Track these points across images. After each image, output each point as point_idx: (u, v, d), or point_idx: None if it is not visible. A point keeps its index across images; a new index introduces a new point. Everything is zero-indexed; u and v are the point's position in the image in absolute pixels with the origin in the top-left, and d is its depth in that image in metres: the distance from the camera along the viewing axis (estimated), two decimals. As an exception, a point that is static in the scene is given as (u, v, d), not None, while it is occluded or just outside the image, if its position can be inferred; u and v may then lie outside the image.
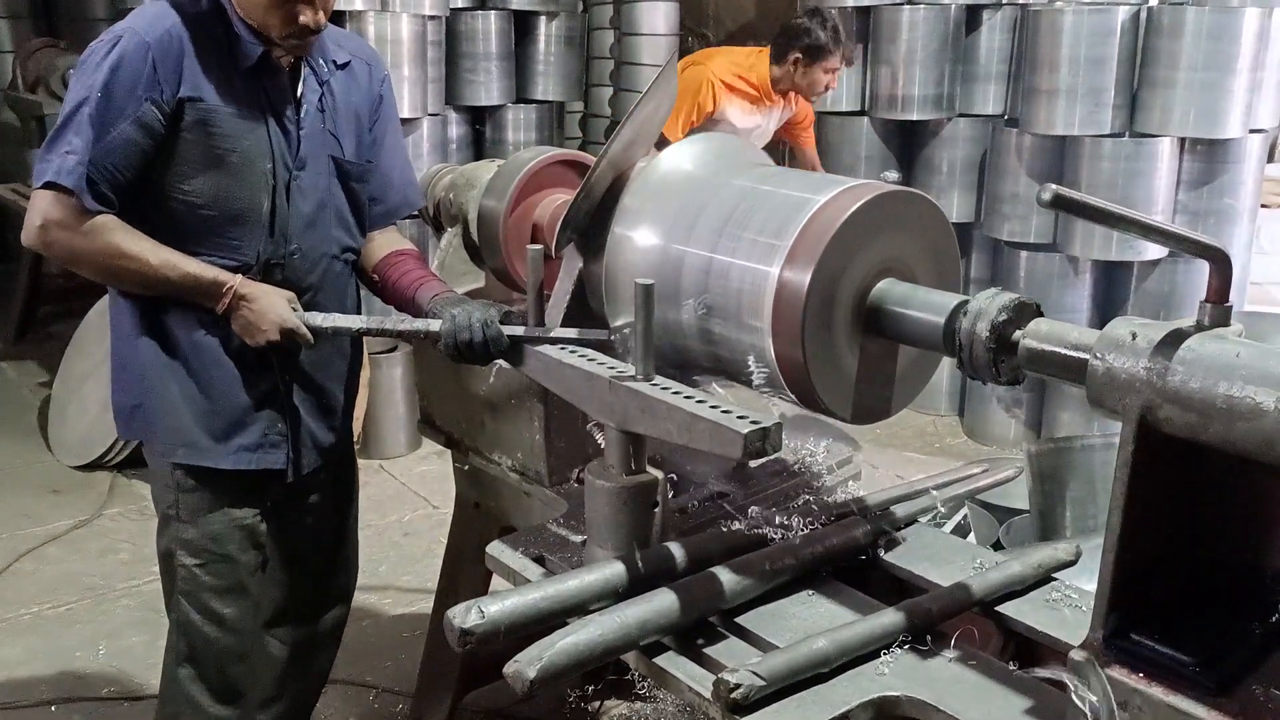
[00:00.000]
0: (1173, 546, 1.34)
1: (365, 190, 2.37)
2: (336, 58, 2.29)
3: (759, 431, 1.55)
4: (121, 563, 4.02)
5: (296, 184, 2.23)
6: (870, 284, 1.71)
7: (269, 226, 2.20)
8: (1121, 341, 1.30)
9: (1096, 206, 1.29)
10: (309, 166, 2.24)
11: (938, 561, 1.87)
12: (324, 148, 2.27)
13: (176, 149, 2.10)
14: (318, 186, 2.27)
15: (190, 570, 2.31)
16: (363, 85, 2.34)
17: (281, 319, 2.14)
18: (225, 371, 2.24)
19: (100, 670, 3.39)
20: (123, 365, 2.30)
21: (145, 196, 2.12)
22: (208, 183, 2.13)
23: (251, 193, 2.17)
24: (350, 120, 2.31)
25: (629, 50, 6.99)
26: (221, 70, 2.12)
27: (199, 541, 2.30)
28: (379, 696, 3.27)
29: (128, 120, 2.04)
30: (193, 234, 2.15)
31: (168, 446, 2.26)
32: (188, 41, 2.08)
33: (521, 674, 1.49)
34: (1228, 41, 4.48)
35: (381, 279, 2.39)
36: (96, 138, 2.03)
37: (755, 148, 2.09)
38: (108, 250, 2.08)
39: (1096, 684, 1.29)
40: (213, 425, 2.26)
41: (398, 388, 5.05)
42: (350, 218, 2.35)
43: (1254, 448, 1.19)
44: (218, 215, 2.15)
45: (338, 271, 2.34)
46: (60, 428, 5.04)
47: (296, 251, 2.25)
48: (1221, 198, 4.79)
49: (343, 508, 2.61)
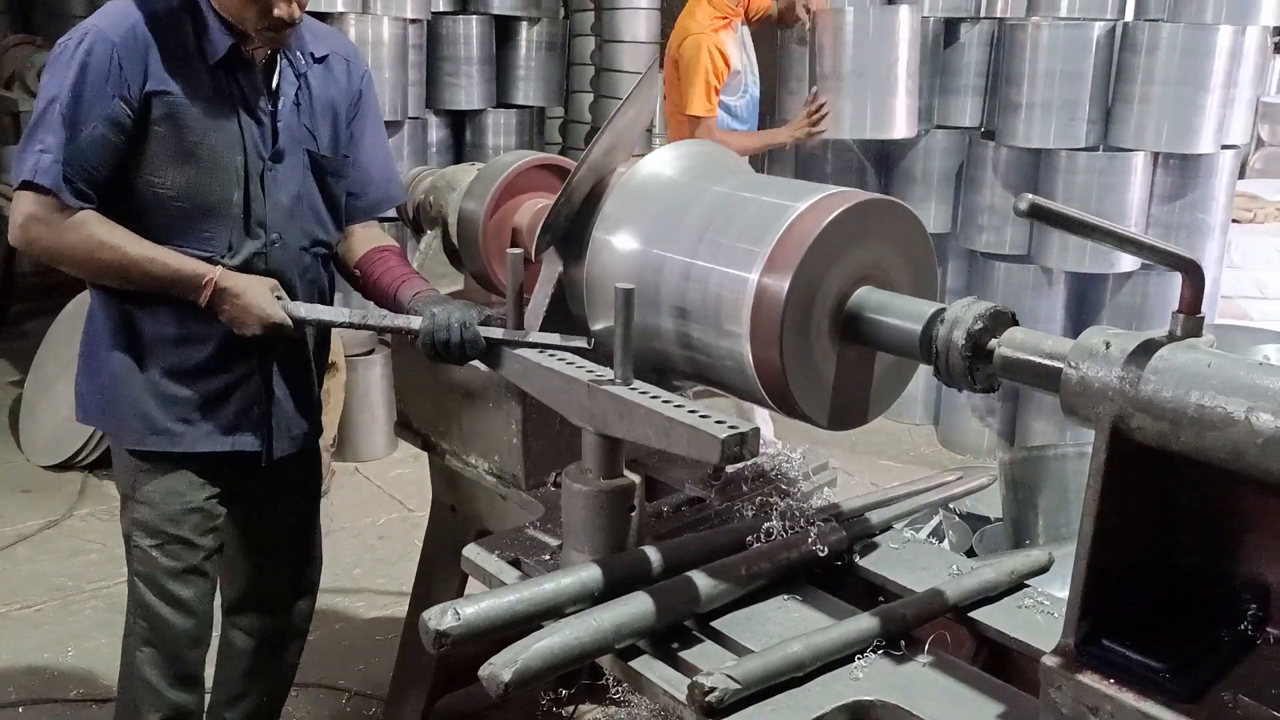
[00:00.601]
0: (1144, 554, 1.36)
1: (342, 185, 2.38)
2: (315, 50, 2.30)
3: (736, 436, 1.55)
4: (91, 563, 3.99)
5: (272, 176, 2.23)
6: (848, 291, 1.72)
7: (243, 219, 2.21)
8: (1095, 351, 1.32)
9: (1073, 217, 1.31)
10: (286, 159, 2.25)
11: (912, 567, 1.89)
12: (300, 141, 2.28)
13: (147, 142, 2.11)
14: (294, 179, 2.27)
15: (146, 551, 2.31)
16: (341, 81, 2.35)
17: (266, 315, 2.14)
18: (200, 354, 2.24)
19: (69, 671, 3.36)
20: (91, 351, 2.31)
21: (117, 189, 2.13)
22: (178, 175, 2.14)
23: (223, 185, 2.18)
24: (327, 114, 2.32)
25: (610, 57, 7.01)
26: (190, 63, 2.13)
27: (154, 523, 2.30)
28: (351, 700, 3.26)
29: (98, 119, 2.06)
30: (164, 226, 2.16)
31: (137, 434, 2.26)
32: (154, 36, 2.09)
33: (497, 677, 1.49)
34: (1201, 58, 4.54)
35: (364, 275, 2.39)
36: (70, 137, 2.05)
37: (735, 155, 2.09)
38: (88, 245, 2.10)
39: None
40: (183, 410, 2.26)
41: (374, 390, 5.03)
42: (324, 212, 2.36)
43: (1224, 456, 1.20)
44: (189, 207, 2.16)
45: (307, 264, 2.35)
46: (31, 427, 5.00)
47: (277, 242, 2.26)
48: (1193, 212, 4.85)
49: (309, 498, 2.61)
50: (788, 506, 1.92)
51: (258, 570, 2.55)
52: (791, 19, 4.81)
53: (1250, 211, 5.82)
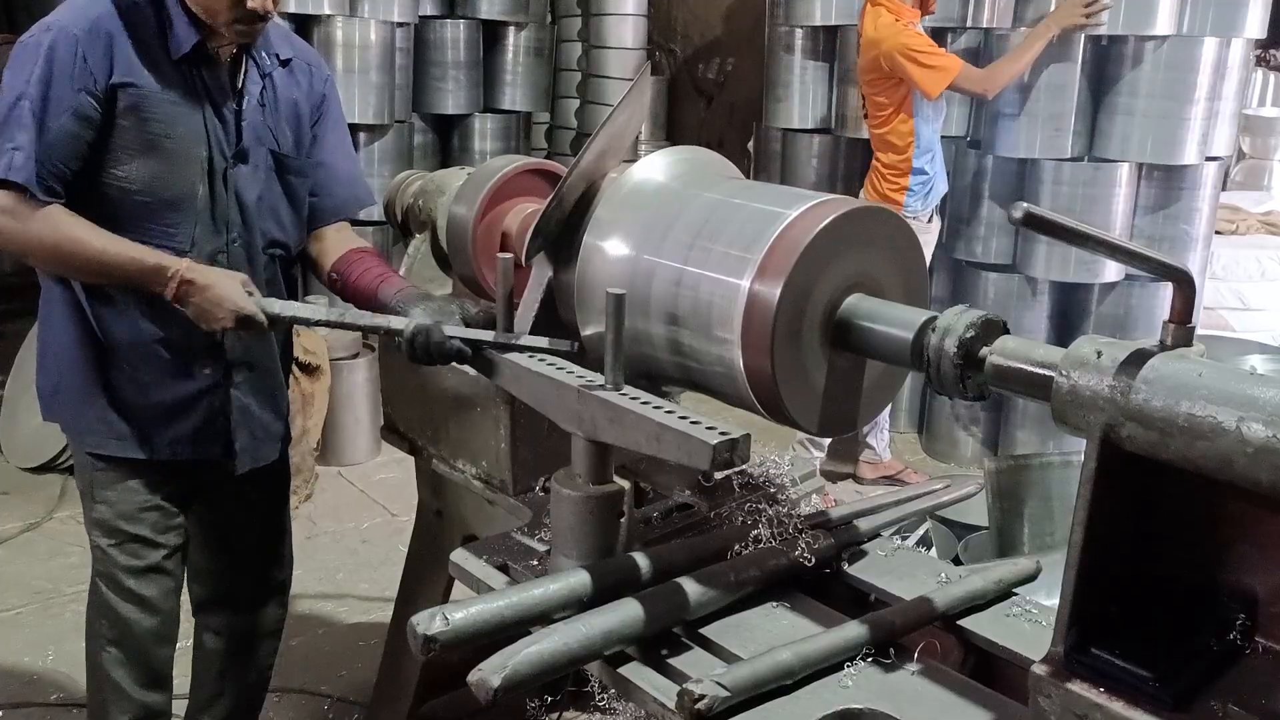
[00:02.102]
0: (1133, 562, 1.36)
1: (305, 186, 2.38)
2: (280, 52, 2.30)
3: (727, 442, 1.55)
4: (71, 566, 3.96)
5: (236, 173, 2.23)
6: (840, 299, 1.72)
7: (209, 214, 2.21)
8: (1086, 360, 1.32)
9: (1066, 225, 1.31)
10: (250, 157, 2.25)
11: (901, 575, 1.89)
12: (264, 140, 2.27)
13: (112, 135, 2.11)
14: (257, 178, 2.27)
15: (105, 550, 2.31)
16: (303, 85, 2.36)
17: (238, 306, 2.10)
18: (163, 362, 2.23)
19: (48, 675, 3.33)
20: (46, 350, 2.31)
21: (81, 181, 2.12)
22: (142, 168, 2.13)
23: (187, 179, 2.18)
24: (290, 115, 2.32)
25: (597, 63, 7.02)
26: (155, 56, 2.12)
27: (111, 521, 2.29)
28: (333, 706, 3.24)
29: (66, 114, 2.05)
30: (127, 219, 2.15)
31: (97, 437, 2.25)
32: (119, 29, 2.09)
33: (486, 682, 1.48)
34: (1185, 70, 4.58)
35: (341, 277, 2.37)
36: (39, 133, 2.04)
37: (726, 161, 2.09)
38: (55, 237, 2.09)
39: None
40: (143, 417, 2.25)
41: (358, 393, 5.01)
42: (284, 213, 2.35)
43: (1213, 466, 1.21)
44: (152, 201, 2.16)
45: (263, 264, 2.33)
46: (11, 429, 4.96)
47: (237, 240, 2.25)
48: (1177, 223, 4.88)
49: (279, 498, 2.60)
50: (776, 513, 1.92)
51: (224, 569, 2.55)
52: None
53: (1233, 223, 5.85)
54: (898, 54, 4.34)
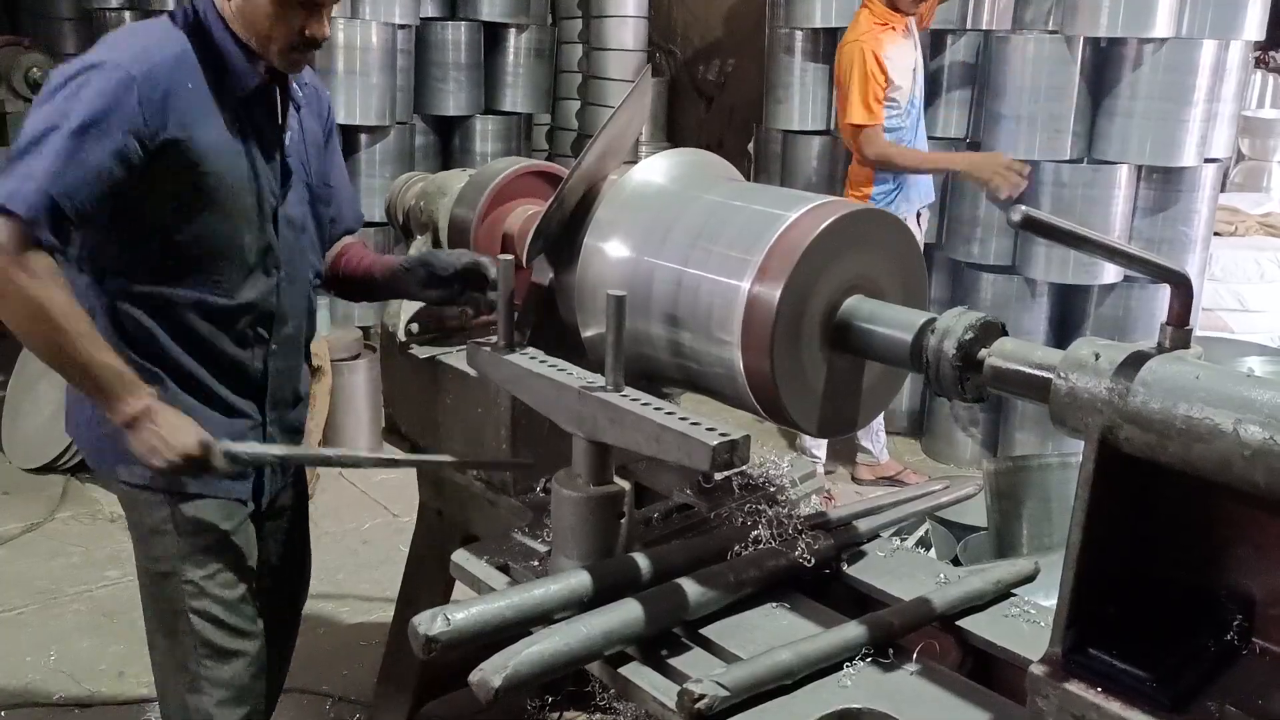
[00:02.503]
0: (1131, 563, 1.37)
1: (327, 214, 2.31)
2: (305, 78, 2.23)
3: (727, 443, 1.56)
4: (73, 567, 3.96)
5: (283, 212, 2.13)
6: (839, 300, 1.73)
7: (261, 261, 2.10)
8: (1084, 362, 1.33)
9: (1064, 228, 1.32)
10: (292, 194, 2.16)
11: (900, 575, 1.90)
12: (299, 174, 2.18)
13: (158, 188, 1.96)
14: (299, 213, 2.19)
15: (197, 585, 2.16)
16: (315, 109, 2.27)
17: (185, 447, 1.94)
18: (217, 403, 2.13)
19: (51, 676, 3.33)
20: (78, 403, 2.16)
21: (123, 236, 2.00)
22: (193, 222, 2.01)
23: (237, 228, 2.06)
24: (314, 143, 2.25)
25: (597, 64, 7.01)
26: (208, 104, 2.00)
27: (197, 556, 2.16)
28: (335, 705, 3.24)
29: (107, 152, 1.88)
30: (174, 274, 2.03)
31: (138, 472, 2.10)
32: (177, 79, 1.95)
33: (487, 682, 1.49)
34: (1184, 73, 4.58)
35: (331, 270, 2.35)
36: (64, 168, 1.85)
37: (726, 163, 2.10)
38: (39, 297, 1.85)
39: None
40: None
41: (359, 394, 5.02)
42: (318, 242, 2.28)
43: (1210, 468, 1.22)
44: (201, 253, 2.04)
45: (307, 295, 2.27)
46: (13, 430, 4.96)
47: (284, 280, 2.15)
48: (1176, 225, 4.89)
49: (304, 509, 2.58)
50: (776, 514, 1.92)
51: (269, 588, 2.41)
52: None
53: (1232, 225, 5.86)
54: (855, 60, 4.26)
